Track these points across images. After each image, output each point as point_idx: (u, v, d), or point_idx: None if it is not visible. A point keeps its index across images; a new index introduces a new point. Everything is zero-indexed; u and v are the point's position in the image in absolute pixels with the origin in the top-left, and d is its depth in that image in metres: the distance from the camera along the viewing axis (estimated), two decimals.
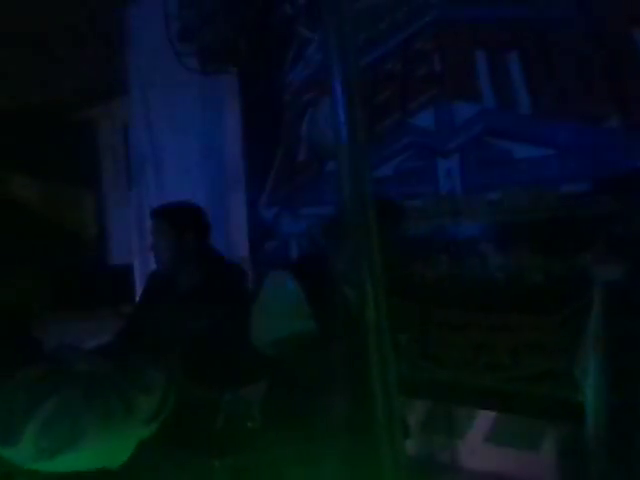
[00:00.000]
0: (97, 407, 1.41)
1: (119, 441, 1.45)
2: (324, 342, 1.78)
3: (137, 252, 4.45)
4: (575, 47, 2.60)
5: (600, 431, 1.83)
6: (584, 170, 2.59)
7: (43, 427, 1.39)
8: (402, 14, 3.15)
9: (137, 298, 2.63)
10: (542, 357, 2.72)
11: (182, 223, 2.41)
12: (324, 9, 1.30)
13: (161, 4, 4.02)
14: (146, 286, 2.57)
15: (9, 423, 1.38)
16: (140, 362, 1.59)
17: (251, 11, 3.60)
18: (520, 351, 2.81)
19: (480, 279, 2.93)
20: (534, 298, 2.75)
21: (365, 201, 1.33)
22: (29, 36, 5.09)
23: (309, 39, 3.56)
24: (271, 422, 1.84)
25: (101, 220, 8.32)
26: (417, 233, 3.15)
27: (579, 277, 2.57)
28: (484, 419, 3.13)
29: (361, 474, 1.57)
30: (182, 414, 1.55)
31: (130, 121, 4.78)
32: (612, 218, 2.38)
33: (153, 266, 2.50)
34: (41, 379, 1.44)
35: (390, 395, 1.26)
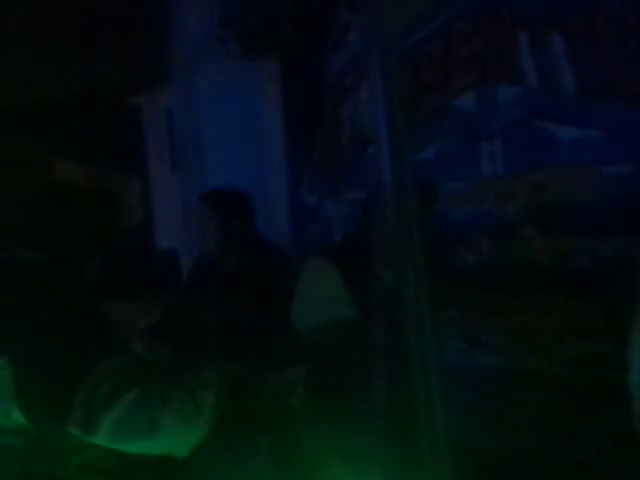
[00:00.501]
0: (172, 404, 1.43)
1: (188, 436, 1.47)
2: (363, 327, 1.79)
3: (181, 237, 4.51)
4: (622, 26, 2.55)
5: None
6: (630, 151, 2.55)
7: (119, 420, 1.40)
8: None
9: (182, 283, 2.69)
10: (588, 340, 2.70)
11: (229, 208, 2.45)
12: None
13: None
14: (192, 271, 2.62)
15: (88, 413, 1.40)
16: (197, 356, 1.61)
17: None
18: (565, 334, 2.79)
19: (523, 262, 2.91)
20: (580, 281, 2.72)
21: (404, 185, 1.34)
22: (76, 24, 5.19)
23: (350, 22, 3.55)
24: (313, 401, 1.87)
25: (147, 205, 8.46)
26: (459, 216, 3.14)
27: (626, 259, 2.54)
28: None
29: (400, 455, 1.59)
30: (229, 392, 1.58)
31: (173, 107, 4.84)
32: None
33: (197, 251, 2.55)
34: (123, 371, 1.45)
35: (429, 376, 1.28)
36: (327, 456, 1.71)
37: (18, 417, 1.42)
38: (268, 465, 1.69)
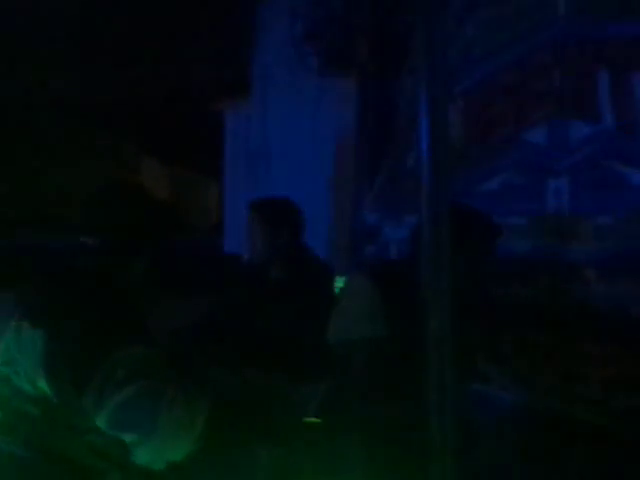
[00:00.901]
0: (176, 410, 1.46)
1: (172, 450, 1.49)
2: (394, 349, 1.77)
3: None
4: None
5: None
6: None
7: (122, 405, 1.45)
8: (525, 25, 3.07)
9: (229, 287, 2.73)
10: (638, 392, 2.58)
11: (276, 218, 2.48)
12: (417, 32, 1.31)
13: (288, 3, 4.13)
14: (235, 276, 2.67)
15: (100, 393, 1.46)
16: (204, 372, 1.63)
17: (373, 16, 3.62)
18: (616, 384, 2.68)
19: (580, 306, 2.81)
20: (636, 331, 2.61)
21: (441, 219, 1.33)
22: (169, 24, 5.37)
23: None
24: (328, 421, 1.86)
25: (222, 209, 8.64)
26: (518, 251, 3.07)
27: None
28: None
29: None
30: (242, 400, 1.59)
31: (249, 116, 4.93)
32: None
33: (246, 256, 2.58)
34: (141, 362, 1.49)
35: (445, 412, 1.25)
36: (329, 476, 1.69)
37: (43, 385, 1.48)
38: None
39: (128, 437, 1.47)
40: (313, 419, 1.78)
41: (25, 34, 5.12)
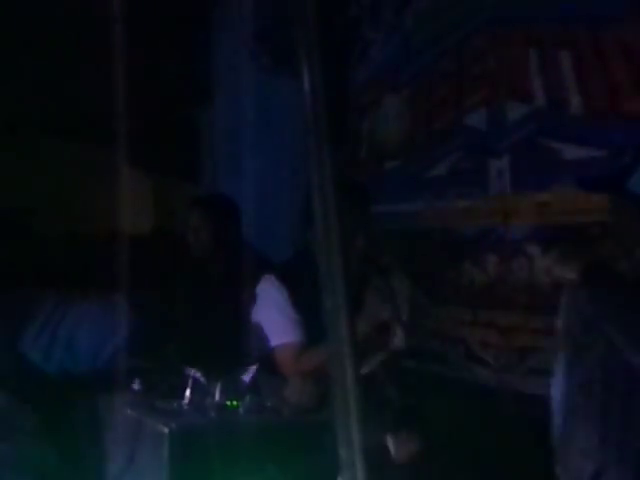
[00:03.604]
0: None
1: None
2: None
3: None
4: (626, 46, 2.52)
5: None
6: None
7: None
8: (459, 13, 3.14)
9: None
10: None
11: (218, 214, 2.54)
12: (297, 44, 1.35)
13: (239, 5, 4.19)
14: (177, 272, 2.72)
15: None
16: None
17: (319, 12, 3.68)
18: None
19: (527, 281, 2.88)
20: None
21: (327, 192, 1.37)
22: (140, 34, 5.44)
23: (373, 40, 3.61)
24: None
25: None
26: (468, 233, 3.14)
27: None
28: None
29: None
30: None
31: (213, 119, 4.99)
32: None
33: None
34: None
35: (350, 427, 1.28)
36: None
37: (79, 348, 1.51)
38: (171, 455, 1.73)
39: None
40: (234, 401, 1.83)
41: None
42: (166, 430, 1.78)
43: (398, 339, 2.10)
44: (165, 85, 6.71)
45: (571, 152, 2.71)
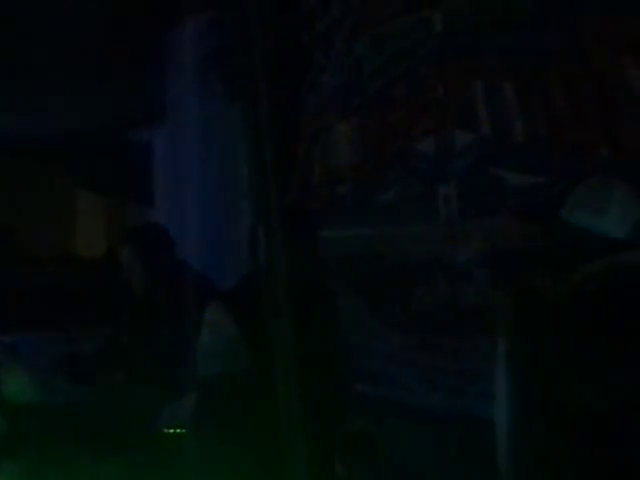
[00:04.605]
0: None
1: None
2: (258, 376, 1.68)
3: None
4: (566, 78, 2.61)
5: None
6: None
7: None
8: (408, 42, 3.21)
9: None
10: None
11: (144, 248, 2.52)
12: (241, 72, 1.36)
13: (192, 32, 4.21)
14: (125, 299, 2.70)
15: None
16: None
17: (271, 38, 3.72)
18: None
19: (475, 305, 2.93)
20: None
21: (273, 220, 1.38)
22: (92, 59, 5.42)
23: (324, 66, 3.66)
24: (197, 432, 1.85)
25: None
26: (418, 258, 3.19)
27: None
28: None
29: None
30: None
31: (165, 144, 4.99)
32: None
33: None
34: None
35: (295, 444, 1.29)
36: None
37: None
38: None
39: None
40: (177, 429, 1.81)
41: None
42: None
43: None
44: (117, 108, 6.69)
45: (515, 179, 2.78)
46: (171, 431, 1.79)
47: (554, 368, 1.50)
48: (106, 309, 2.62)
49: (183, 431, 1.80)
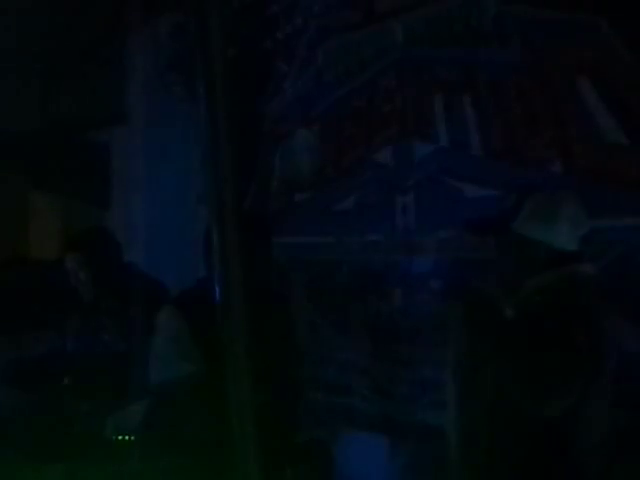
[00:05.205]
0: None
1: None
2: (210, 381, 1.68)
3: None
4: (523, 92, 2.66)
5: None
6: None
7: None
8: (369, 53, 3.24)
9: None
10: None
11: (88, 255, 2.48)
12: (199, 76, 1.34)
13: (152, 34, 4.17)
14: (73, 304, 2.65)
15: None
16: None
17: (233, 43, 3.71)
18: None
19: (431, 315, 2.95)
20: None
21: (227, 221, 1.37)
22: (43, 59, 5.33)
23: (286, 73, 3.66)
24: (147, 438, 1.83)
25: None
26: (374, 267, 3.20)
27: None
28: None
29: None
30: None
31: (126, 146, 4.92)
32: None
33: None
34: None
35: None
36: None
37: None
38: None
39: None
40: (127, 436, 1.79)
41: None
42: None
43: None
44: (75, 108, 6.60)
45: (471, 191, 2.82)
46: (120, 438, 1.76)
47: (500, 377, 1.53)
48: (56, 313, 2.56)
49: (132, 438, 1.78)
